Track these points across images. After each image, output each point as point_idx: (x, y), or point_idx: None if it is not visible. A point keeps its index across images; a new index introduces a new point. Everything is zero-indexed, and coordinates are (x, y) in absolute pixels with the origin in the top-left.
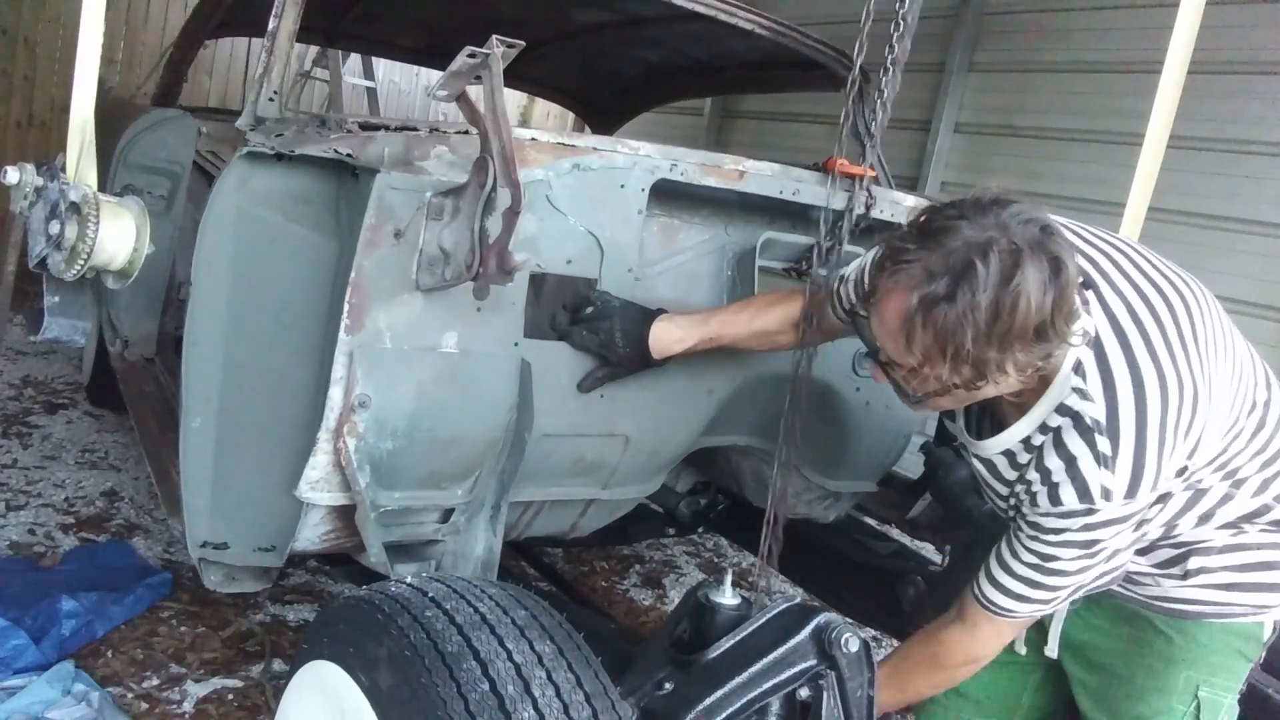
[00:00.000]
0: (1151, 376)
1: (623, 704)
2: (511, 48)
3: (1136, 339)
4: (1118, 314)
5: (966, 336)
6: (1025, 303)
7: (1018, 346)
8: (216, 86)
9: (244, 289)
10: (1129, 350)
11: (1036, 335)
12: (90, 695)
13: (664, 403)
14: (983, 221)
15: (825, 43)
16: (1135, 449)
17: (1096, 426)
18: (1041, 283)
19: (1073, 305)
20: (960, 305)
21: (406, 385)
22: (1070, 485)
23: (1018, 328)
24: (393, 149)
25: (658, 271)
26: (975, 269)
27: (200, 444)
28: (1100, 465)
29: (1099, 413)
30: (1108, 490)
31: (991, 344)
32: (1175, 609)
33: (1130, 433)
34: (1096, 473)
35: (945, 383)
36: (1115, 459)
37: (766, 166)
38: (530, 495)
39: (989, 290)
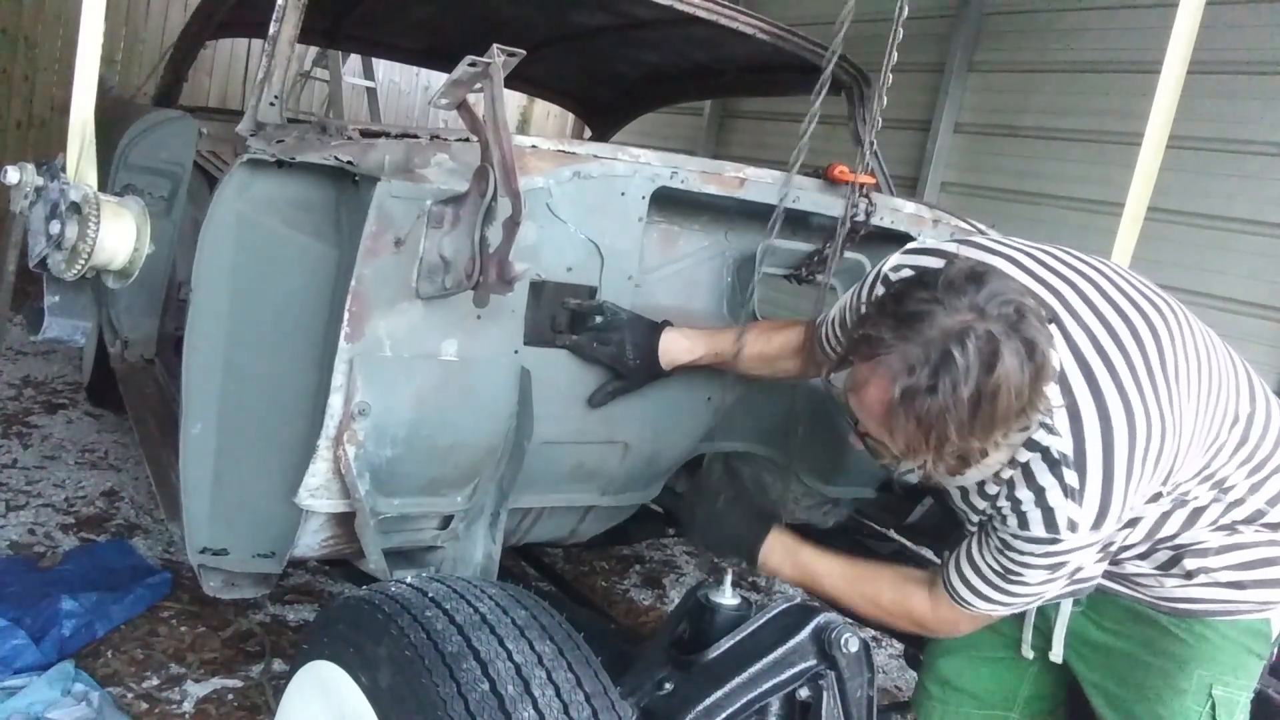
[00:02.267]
0: (1118, 410)
1: (622, 704)
2: (512, 57)
3: (1102, 372)
4: (1081, 347)
5: (950, 428)
6: (1006, 391)
7: (999, 432)
8: (217, 86)
9: (244, 296)
10: (1094, 384)
11: (1018, 414)
12: (90, 695)
13: (663, 410)
14: (957, 304)
15: (824, 46)
16: (1103, 482)
17: (1063, 460)
18: (1019, 366)
19: (1048, 375)
20: (941, 398)
21: (406, 393)
22: (1039, 515)
23: (1000, 415)
24: (393, 156)
25: (658, 278)
26: (954, 360)
27: (200, 450)
28: (1067, 497)
29: (1066, 447)
30: (1074, 522)
31: (975, 433)
32: (1181, 608)
33: (1097, 466)
34: (1064, 504)
35: (934, 468)
36: (1082, 492)
37: (767, 174)
38: (529, 502)
39: (970, 382)
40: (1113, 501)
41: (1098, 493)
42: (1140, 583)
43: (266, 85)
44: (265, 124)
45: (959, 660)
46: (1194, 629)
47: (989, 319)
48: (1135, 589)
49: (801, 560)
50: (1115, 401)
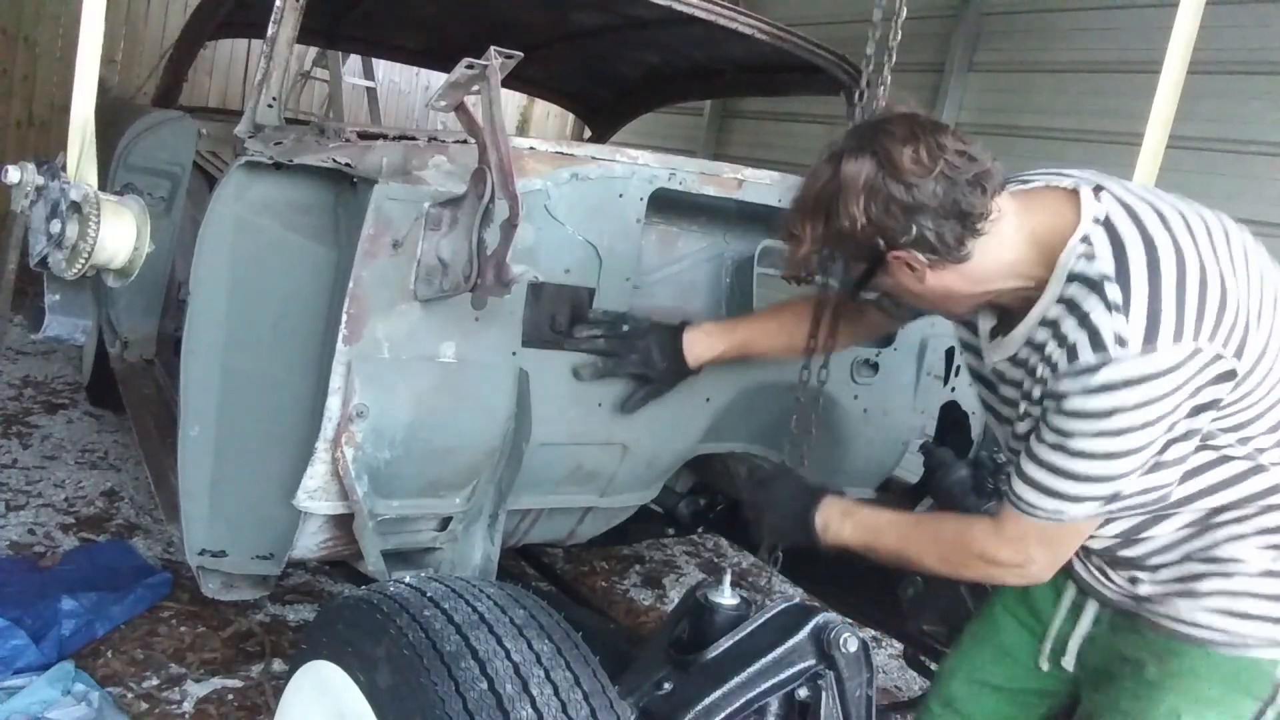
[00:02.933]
0: (1165, 239)
1: (621, 703)
2: (510, 59)
3: (1153, 219)
4: (1134, 205)
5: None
6: (845, 174)
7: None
8: (216, 87)
9: (242, 298)
10: (1140, 222)
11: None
12: (90, 695)
13: (661, 411)
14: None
15: (824, 46)
16: (1149, 293)
17: (1104, 278)
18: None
19: (910, 181)
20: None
21: (404, 395)
22: (1085, 339)
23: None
24: (391, 159)
25: (656, 280)
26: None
27: (198, 452)
28: (1111, 311)
29: (1107, 266)
30: (1121, 336)
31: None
32: (1180, 630)
33: (1142, 279)
34: (1108, 319)
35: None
36: (1128, 304)
37: (765, 175)
38: (528, 503)
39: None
40: (1163, 315)
41: (1143, 303)
42: (1148, 598)
43: (265, 87)
44: (264, 125)
45: (969, 686)
46: (1185, 655)
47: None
48: (1138, 604)
49: (860, 519)
50: (1163, 235)
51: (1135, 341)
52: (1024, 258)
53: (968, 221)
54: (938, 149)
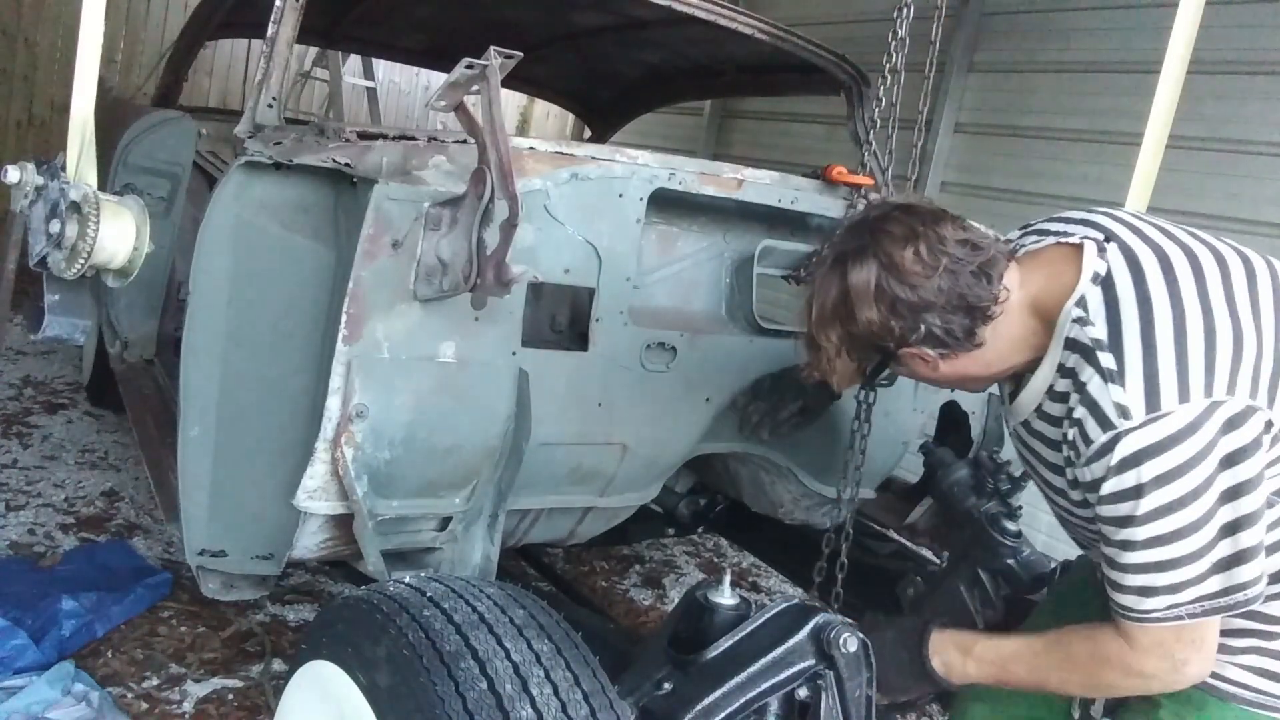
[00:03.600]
0: (1162, 298)
1: (621, 703)
2: (509, 59)
3: (1155, 275)
4: (1141, 257)
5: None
6: (853, 284)
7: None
8: (216, 87)
9: (242, 298)
10: (1141, 281)
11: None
12: (90, 695)
13: (661, 411)
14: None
15: (824, 46)
16: (1144, 356)
17: (1096, 344)
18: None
19: (916, 278)
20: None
21: (404, 395)
22: (1090, 416)
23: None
24: (390, 159)
25: (656, 280)
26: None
27: (198, 452)
28: (1108, 381)
29: (1099, 331)
30: (1122, 406)
31: (835, 319)
32: (1205, 682)
33: (1135, 342)
34: (1105, 390)
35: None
36: (1123, 371)
37: (765, 175)
38: (528, 503)
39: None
40: (1161, 375)
41: (1138, 368)
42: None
43: (264, 87)
44: (263, 126)
45: (993, 714)
46: (1205, 705)
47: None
48: None
49: (982, 654)
50: (1161, 294)
51: (1138, 410)
52: (1030, 328)
53: (975, 313)
54: (939, 243)
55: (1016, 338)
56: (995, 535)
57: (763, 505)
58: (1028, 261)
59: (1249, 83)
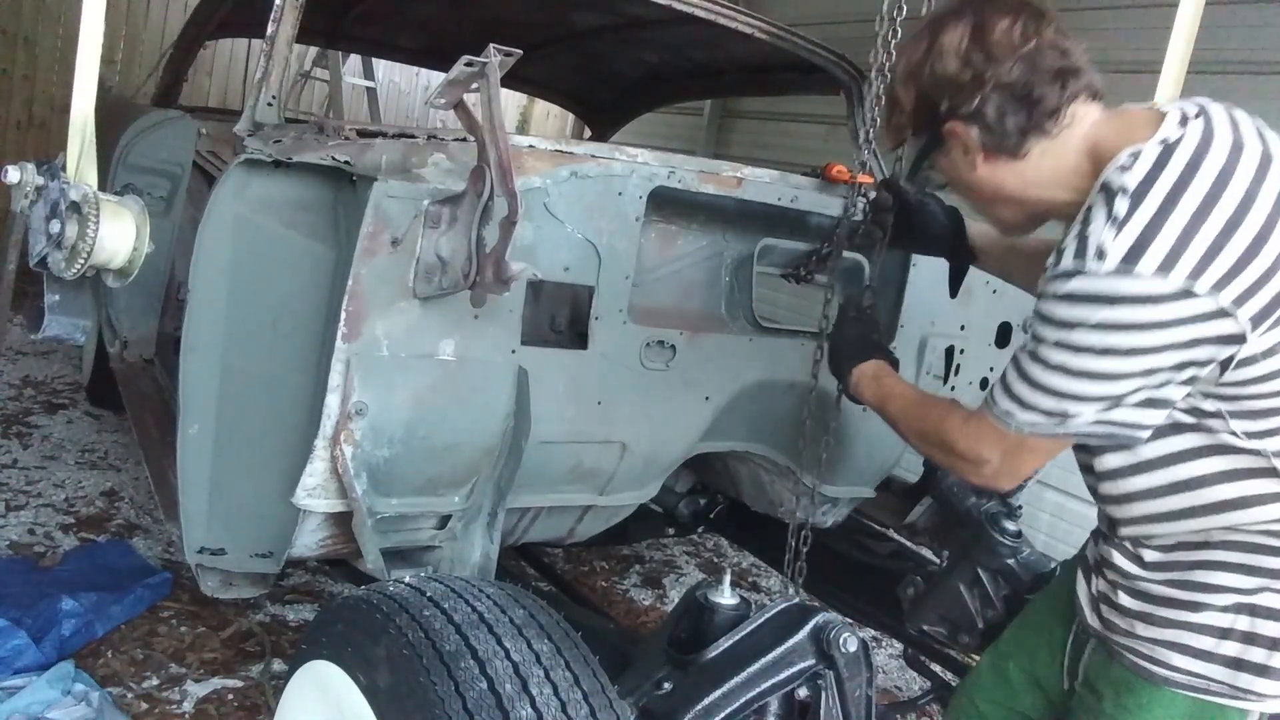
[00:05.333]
0: (1211, 171)
1: (621, 703)
2: (509, 57)
3: (1220, 154)
4: (1217, 135)
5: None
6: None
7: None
8: (216, 86)
9: (241, 296)
10: (1202, 153)
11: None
12: (90, 695)
13: (661, 409)
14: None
15: (824, 46)
16: (1156, 213)
17: (1122, 190)
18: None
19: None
20: (920, 46)
21: (403, 393)
22: (1072, 244)
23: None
24: (390, 157)
25: (656, 278)
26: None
27: (198, 450)
28: (1108, 224)
29: (1132, 180)
30: (1101, 249)
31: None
32: (1139, 665)
33: (1157, 198)
34: (1100, 230)
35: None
36: (1127, 219)
37: (764, 173)
38: (527, 501)
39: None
40: (1155, 241)
41: (1141, 224)
42: (1111, 625)
43: (264, 85)
44: (263, 124)
45: (994, 710)
46: (1141, 692)
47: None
48: (1107, 633)
49: (883, 384)
50: (1214, 168)
51: (1113, 258)
52: (1078, 169)
53: (1034, 113)
54: (1034, 32)
55: (1062, 169)
56: (995, 535)
57: (763, 505)
58: (1114, 116)
59: (1249, 83)
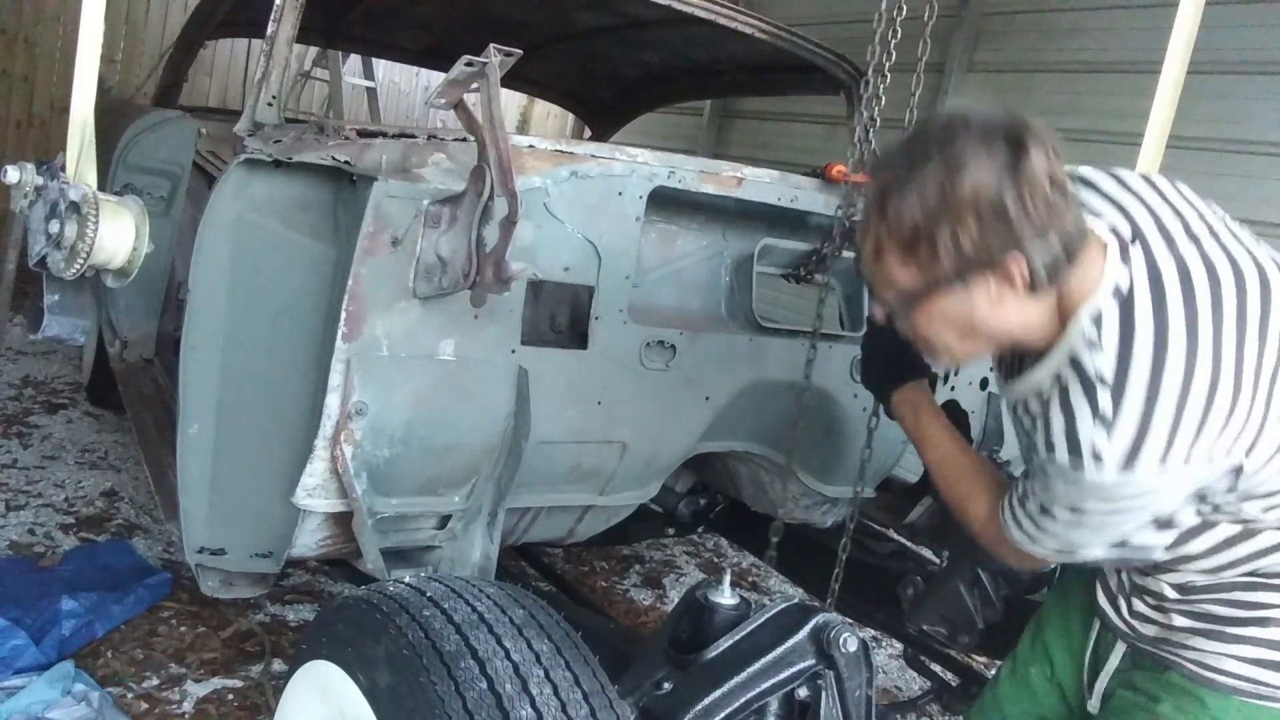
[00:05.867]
0: (1178, 344)
1: (621, 703)
2: (509, 56)
3: (1176, 299)
4: (1163, 270)
5: (917, 214)
6: (970, 175)
7: (969, 219)
8: (216, 86)
9: (241, 296)
10: (1161, 308)
11: (993, 212)
12: (90, 695)
13: (661, 409)
14: (952, 119)
15: (824, 46)
16: (1141, 416)
17: (1100, 380)
18: (996, 166)
19: (1046, 192)
20: (912, 189)
21: (403, 393)
22: (1064, 440)
23: (965, 197)
24: (390, 156)
25: (656, 278)
26: (930, 154)
27: (197, 450)
28: (1097, 421)
29: (1106, 367)
30: (1098, 453)
31: (940, 217)
32: (1203, 675)
33: (1139, 392)
34: (1090, 430)
35: (914, 285)
36: (1115, 422)
37: (765, 173)
38: (527, 501)
39: (939, 170)
40: (1148, 444)
41: (1133, 427)
42: (1168, 640)
43: (264, 85)
44: (263, 124)
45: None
46: (1205, 700)
47: (977, 124)
48: (1159, 646)
49: (921, 421)
50: (1180, 332)
51: (1112, 463)
52: (1049, 315)
53: (1068, 254)
54: (1058, 155)
55: (1044, 313)
56: None
57: (763, 505)
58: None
59: (1249, 83)
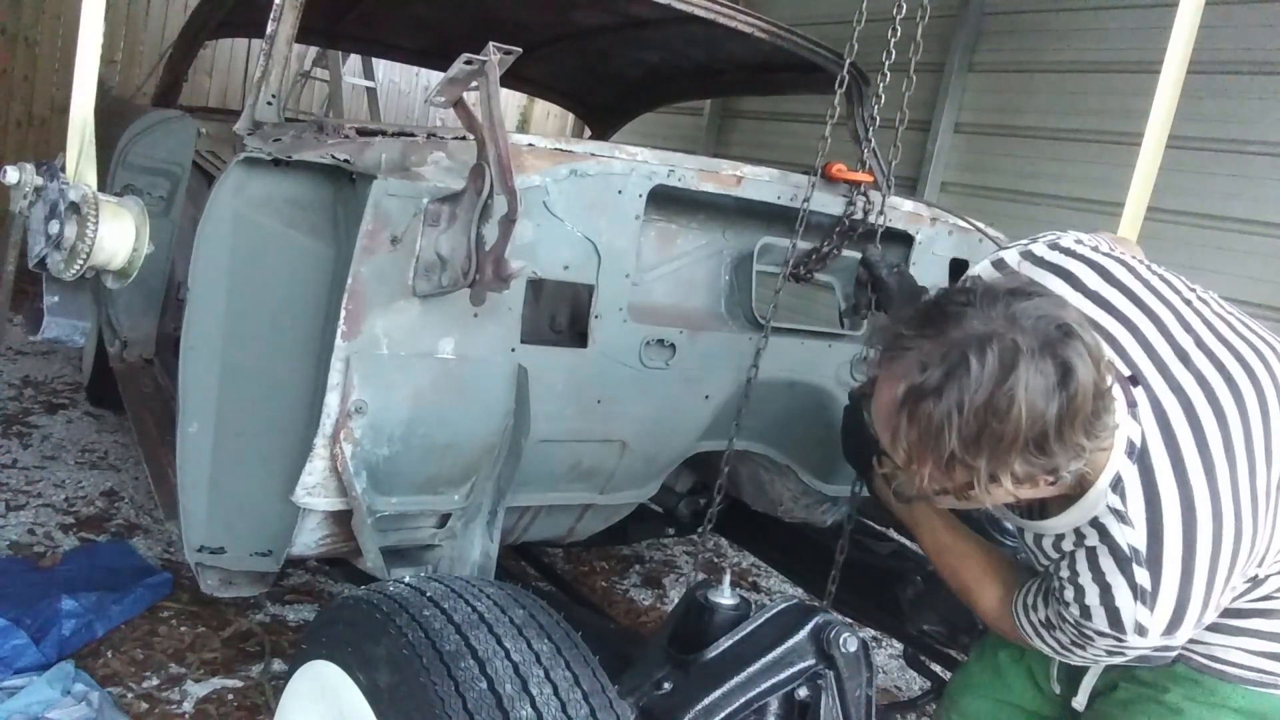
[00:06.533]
0: (1204, 502)
1: (621, 703)
2: (509, 55)
3: (1190, 447)
4: (1170, 415)
5: (952, 438)
6: (1019, 409)
7: (1012, 457)
8: (216, 86)
9: (241, 294)
10: (1180, 465)
11: (1036, 447)
12: (90, 695)
13: (661, 408)
14: (990, 312)
15: (824, 45)
16: (1180, 589)
17: (1135, 556)
18: (1044, 389)
19: (1089, 416)
20: (946, 404)
21: (403, 391)
22: (1103, 614)
23: (1009, 436)
24: (390, 155)
25: (655, 277)
26: (969, 363)
27: (197, 449)
28: (1138, 600)
29: (1139, 541)
30: (1142, 627)
31: (980, 451)
32: (1210, 665)
33: (1175, 570)
34: (1132, 608)
35: (935, 485)
36: (1156, 596)
37: (764, 172)
38: (527, 500)
39: (980, 390)
40: (1189, 608)
41: (1173, 599)
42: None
43: (264, 84)
44: (263, 123)
45: (986, 703)
46: (1213, 688)
47: (1022, 330)
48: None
49: (935, 523)
50: (1203, 493)
51: (1156, 631)
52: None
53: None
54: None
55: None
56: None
57: (763, 504)
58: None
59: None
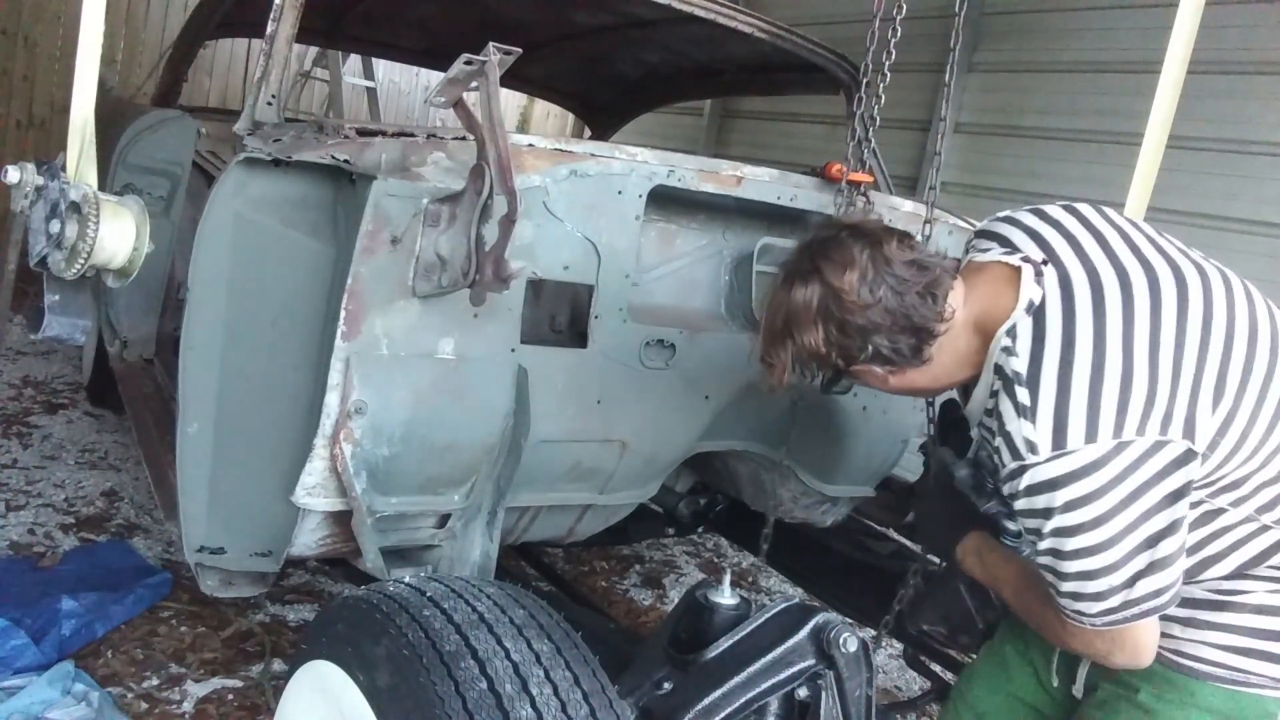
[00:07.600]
0: (1086, 332)
1: (621, 703)
2: (508, 55)
3: (1085, 302)
4: (1075, 281)
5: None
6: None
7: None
8: (216, 86)
9: (241, 295)
10: (1070, 311)
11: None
12: (90, 695)
13: (661, 408)
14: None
15: (824, 45)
16: (1057, 397)
17: (1016, 378)
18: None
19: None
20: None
21: (403, 392)
22: (1003, 444)
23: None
24: (390, 155)
25: (655, 277)
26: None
27: (197, 449)
28: (1019, 416)
29: (1020, 365)
30: (1030, 441)
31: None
32: (1180, 663)
33: (1051, 382)
34: (1017, 424)
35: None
36: (1034, 408)
37: (764, 172)
38: (527, 500)
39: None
40: (1071, 416)
41: (1050, 407)
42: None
43: (264, 84)
44: (263, 123)
45: (993, 695)
46: (1185, 687)
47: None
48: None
49: (988, 563)
50: (1086, 325)
51: (1044, 446)
52: (972, 346)
53: (921, 333)
54: (884, 265)
55: (961, 353)
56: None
57: (762, 505)
58: (972, 277)
59: (1249, 83)
